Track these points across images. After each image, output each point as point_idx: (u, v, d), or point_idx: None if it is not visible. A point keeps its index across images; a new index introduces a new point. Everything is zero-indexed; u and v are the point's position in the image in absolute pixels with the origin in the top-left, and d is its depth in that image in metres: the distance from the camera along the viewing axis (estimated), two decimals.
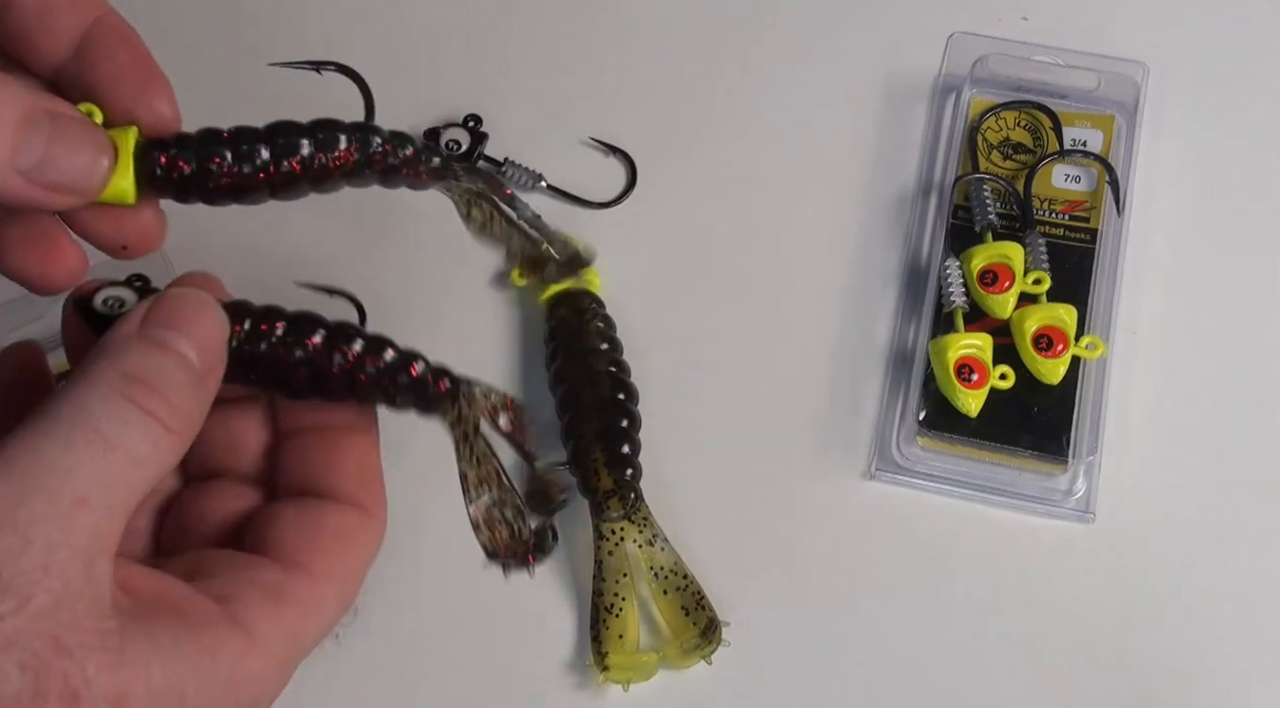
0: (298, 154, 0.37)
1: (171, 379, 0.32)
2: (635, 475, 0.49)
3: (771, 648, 0.49)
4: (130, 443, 0.31)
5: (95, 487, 0.30)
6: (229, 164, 0.36)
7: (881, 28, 0.60)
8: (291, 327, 0.36)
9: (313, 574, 0.34)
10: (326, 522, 0.36)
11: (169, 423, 0.32)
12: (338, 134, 0.37)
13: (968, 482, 0.50)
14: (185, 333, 0.33)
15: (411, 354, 0.38)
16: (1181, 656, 0.48)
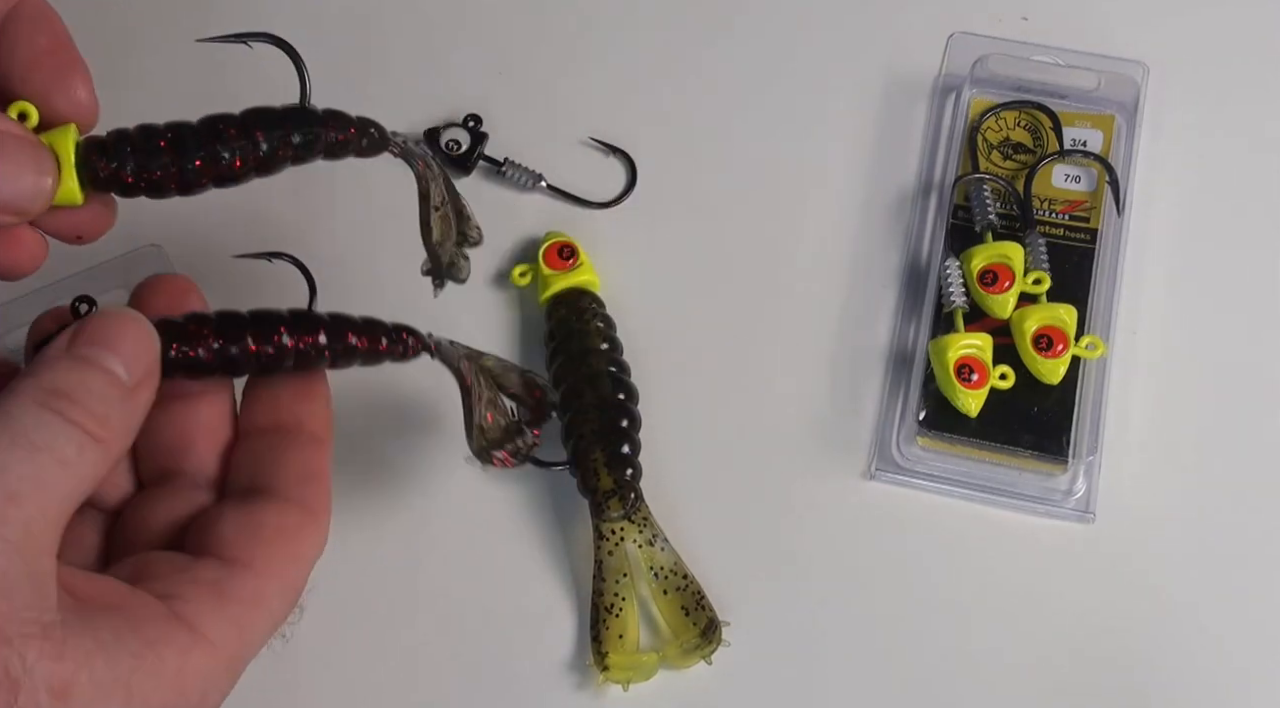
0: (236, 149, 0.37)
1: (94, 391, 0.33)
2: (635, 475, 0.49)
3: (771, 648, 0.49)
4: (56, 446, 0.31)
5: (25, 485, 0.30)
6: (168, 167, 0.36)
7: (881, 28, 0.60)
8: (250, 334, 0.37)
9: (255, 570, 0.35)
10: (267, 520, 0.36)
11: (93, 431, 0.32)
12: (274, 124, 0.37)
13: (968, 482, 0.50)
14: (112, 348, 0.34)
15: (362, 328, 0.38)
16: (1181, 655, 0.48)
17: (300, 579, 0.36)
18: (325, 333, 0.38)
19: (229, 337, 0.36)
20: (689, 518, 0.50)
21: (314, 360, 0.38)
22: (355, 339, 0.38)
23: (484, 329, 0.55)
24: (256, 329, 0.37)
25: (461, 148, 0.57)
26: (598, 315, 0.53)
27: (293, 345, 0.37)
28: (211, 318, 0.37)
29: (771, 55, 0.59)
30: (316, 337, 0.37)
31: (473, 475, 0.51)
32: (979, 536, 0.50)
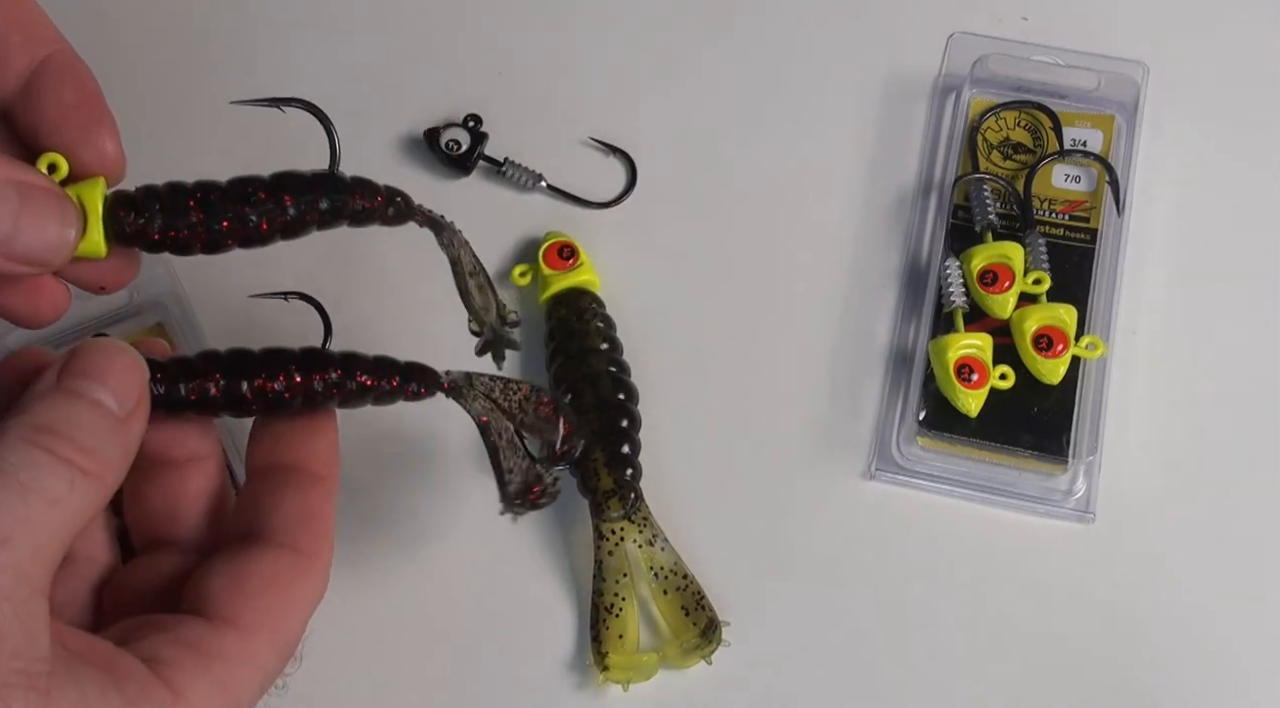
0: (264, 212, 0.37)
1: (83, 424, 0.33)
2: (635, 475, 0.49)
3: (771, 648, 0.49)
4: (45, 485, 0.31)
5: (16, 526, 0.30)
6: (195, 227, 0.37)
7: (881, 28, 0.60)
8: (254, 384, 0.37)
9: (241, 627, 0.34)
10: (253, 570, 0.35)
11: (84, 466, 0.32)
12: (302, 189, 0.37)
13: (968, 482, 0.50)
14: (99, 379, 0.34)
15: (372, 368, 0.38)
16: (1181, 655, 0.48)
17: (295, 629, 0.36)
18: (337, 371, 0.37)
19: (239, 374, 0.36)
20: (689, 518, 0.50)
21: (324, 400, 0.37)
22: (367, 378, 0.38)
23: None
24: (267, 367, 0.37)
25: (461, 148, 0.57)
26: (598, 315, 0.53)
27: (302, 383, 0.37)
28: (222, 356, 0.37)
29: (772, 55, 0.59)
30: (327, 375, 0.37)
31: (472, 476, 0.51)
32: (979, 535, 0.50)
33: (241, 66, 0.60)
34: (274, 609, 0.35)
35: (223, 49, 0.60)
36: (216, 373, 0.36)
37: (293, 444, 0.38)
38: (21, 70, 0.36)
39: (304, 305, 0.41)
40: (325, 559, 0.37)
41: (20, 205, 0.34)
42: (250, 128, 0.53)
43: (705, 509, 0.51)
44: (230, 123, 0.56)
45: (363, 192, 0.38)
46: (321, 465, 0.38)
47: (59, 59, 0.37)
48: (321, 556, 0.37)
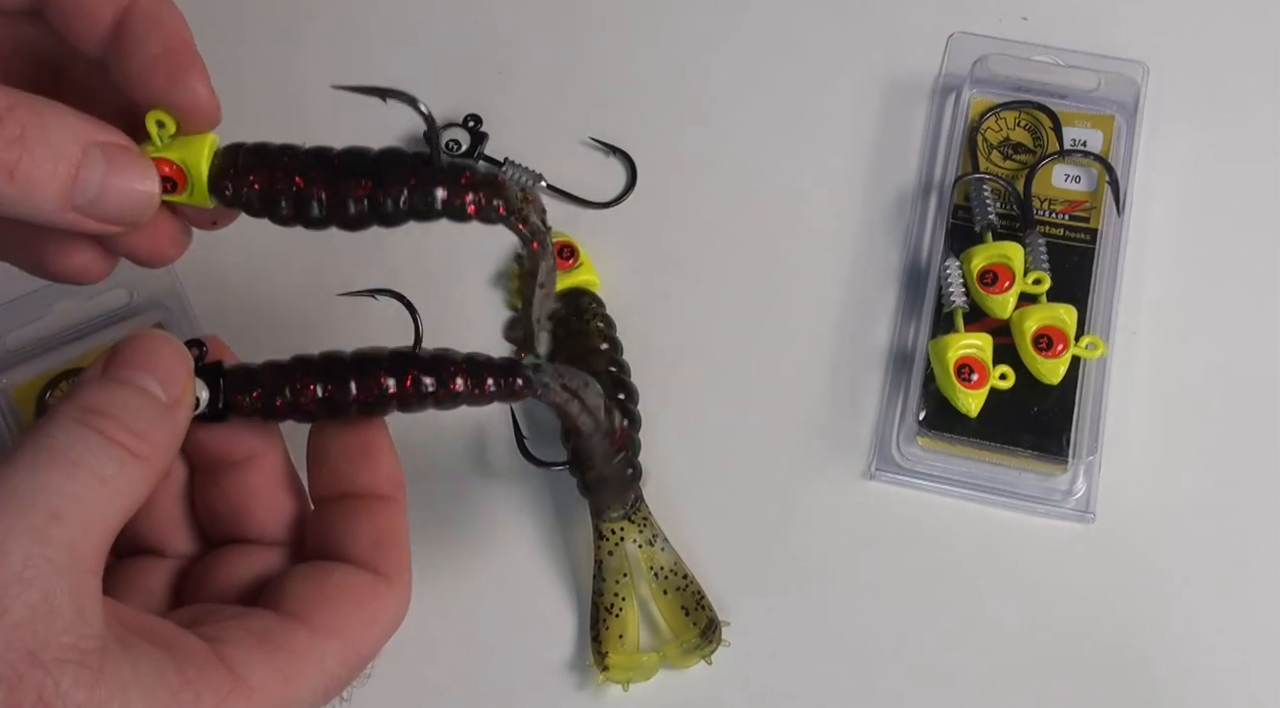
0: (362, 198, 0.36)
1: (131, 407, 0.33)
2: (635, 476, 0.49)
3: (771, 648, 0.49)
4: (94, 463, 0.31)
5: (66, 502, 0.30)
6: (288, 205, 0.36)
7: (881, 28, 0.60)
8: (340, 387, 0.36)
9: (312, 627, 0.34)
10: (332, 579, 0.35)
11: (133, 447, 0.32)
12: (403, 179, 0.36)
13: (968, 482, 0.50)
14: (145, 368, 0.34)
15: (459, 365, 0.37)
16: (1181, 655, 0.48)
17: (369, 645, 0.35)
18: (429, 375, 0.37)
19: (333, 382, 0.36)
20: (689, 518, 0.50)
21: (418, 404, 0.37)
22: (462, 382, 0.37)
23: (484, 329, 0.54)
24: (359, 373, 0.36)
25: (461, 148, 0.57)
26: (598, 315, 0.53)
27: (395, 391, 0.36)
28: (316, 362, 0.36)
29: (772, 55, 0.59)
30: (421, 380, 0.36)
31: (472, 476, 0.51)
32: (979, 536, 0.50)
33: (242, 65, 0.60)
34: (349, 618, 0.35)
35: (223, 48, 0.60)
36: (311, 382, 0.36)
37: (358, 471, 0.37)
38: (108, 20, 0.36)
39: (304, 303, 0.41)
40: (407, 580, 0.37)
41: (107, 166, 0.34)
42: None
43: (705, 509, 0.51)
44: None
45: (472, 188, 0.36)
46: (389, 487, 0.38)
47: (144, 5, 0.36)
48: (403, 576, 0.37)
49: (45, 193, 0.33)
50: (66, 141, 0.34)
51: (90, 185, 0.34)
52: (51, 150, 0.33)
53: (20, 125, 0.33)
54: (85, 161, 0.34)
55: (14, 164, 0.33)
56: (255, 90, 0.59)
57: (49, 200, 0.33)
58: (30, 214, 0.34)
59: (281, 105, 0.59)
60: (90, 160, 0.34)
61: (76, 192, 0.34)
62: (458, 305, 0.55)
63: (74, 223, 0.34)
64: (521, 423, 0.51)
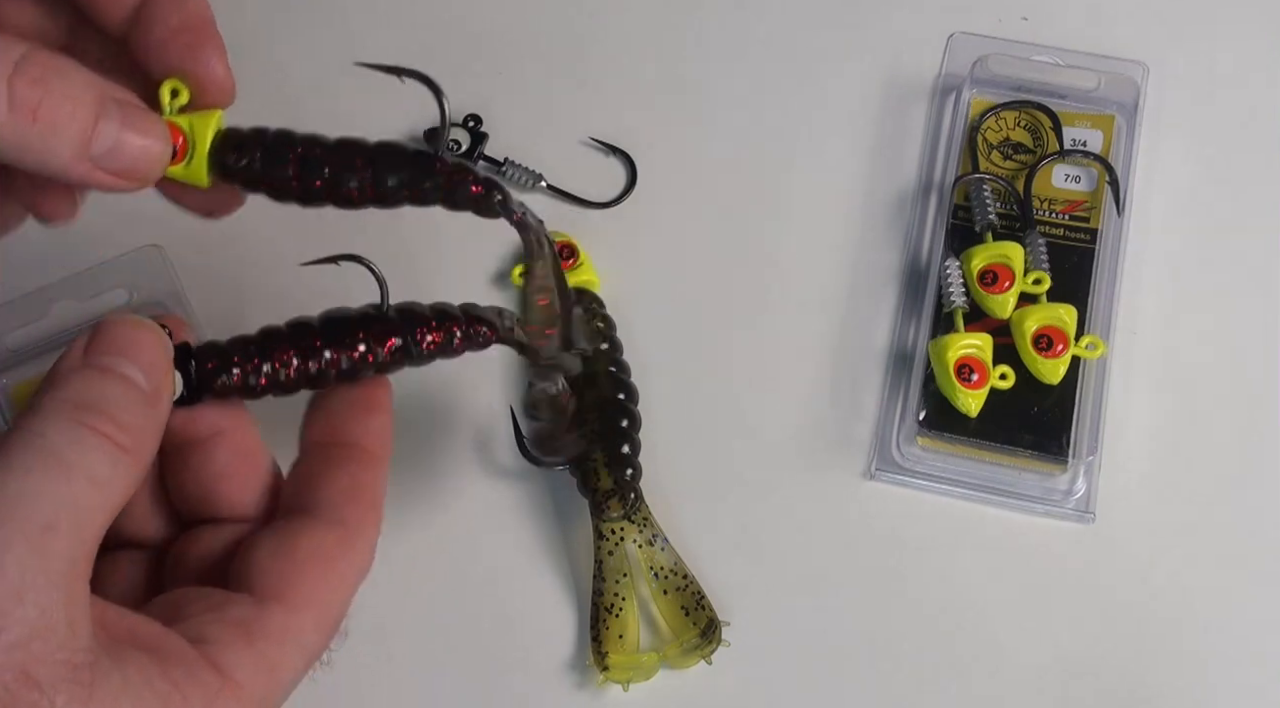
0: (361, 182, 0.37)
1: (119, 400, 0.33)
2: (635, 475, 0.49)
3: (771, 648, 0.49)
4: (88, 464, 0.31)
5: (62, 511, 0.30)
6: (289, 180, 0.37)
7: (881, 28, 0.60)
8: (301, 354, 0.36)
9: (286, 604, 0.34)
10: (299, 545, 0.35)
11: (124, 443, 0.32)
12: (400, 166, 0.37)
13: (968, 482, 0.50)
14: (129, 356, 0.34)
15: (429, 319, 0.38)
16: (1181, 655, 0.48)
17: (340, 606, 0.35)
18: (401, 335, 0.37)
19: (310, 353, 0.36)
20: (689, 518, 0.50)
21: (393, 365, 0.37)
22: (432, 336, 0.38)
23: None
24: (333, 341, 0.37)
25: (461, 148, 0.57)
26: (598, 315, 0.53)
27: (373, 357, 0.37)
28: (287, 334, 0.37)
29: (772, 55, 0.59)
30: (393, 341, 0.37)
31: (472, 475, 0.51)
32: (979, 535, 0.50)
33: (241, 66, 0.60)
34: (320, 586, 0.35)
35: None
36: (288, 350, 0.36)
37: (348, 421, 0.38)
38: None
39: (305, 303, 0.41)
40: (370, 534, 0.37)
41: (122, 120, 0.34)
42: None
43: (705, 510, 0.51)
44: None
45: (461, 178, 0.38)
46: (375, 442, 0.38)
47: None
48: (366, 531, 0.36)
49: (64, 138, 0.33)
50: (84, 90, 0.34)
51: (107, 136, 0.34)
52: (71, 96, 0.33)
53: (41, 68, 0.33)
54: (102, 112, 0.34)
55: (37, 103, 0.32)
56: (252, 88, 0.59)
57: (68, 146, 0.33)
58: (44, 161, 0.33)
59: (281, 105, 0.59)
60: (107, 111, 0.34)
61: (95, 140, 0.34)
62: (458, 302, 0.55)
63: (86, 175, 0.34)
64: (521, 423, 0.51)
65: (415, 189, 0.37)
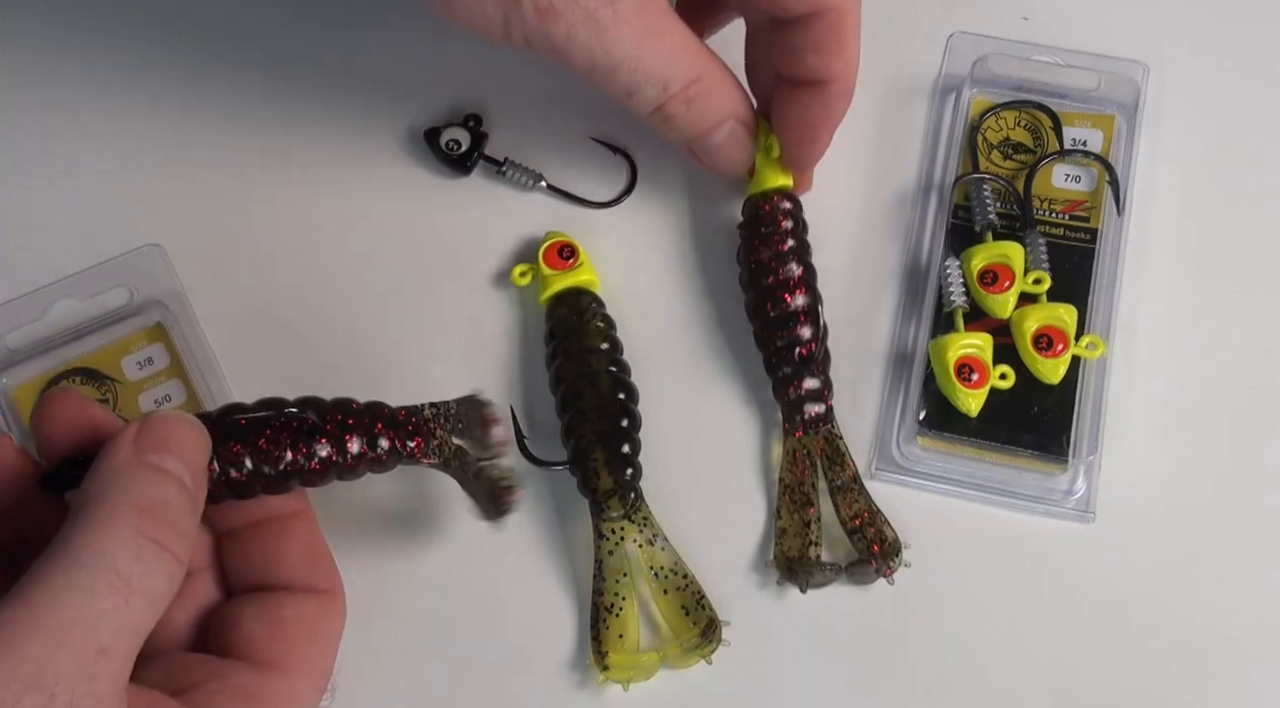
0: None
1: (175, 505, 0.33)
2: (635, 475, 0.49)
3: (771, 648, 0.49)
4: (150, 584, 0.32)
5: (118, 635, 0.31)
6: None
7: (881, 28, 0.59)
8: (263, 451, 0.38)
9: (285, 670, 0.36)
10: (286, 615, 0.37)
11: (179, 553, 0.33)
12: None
13: (968, 482, 0.50)
14: (177, 454, 0.34)
15: (372, 428, 0.41)
16: (1181, 656, 0.48)
17: (328, 663, 0.37)
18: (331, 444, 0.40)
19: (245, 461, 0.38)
20: (689, 518, 0.50)
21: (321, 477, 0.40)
22: (356, 446, 0.40)
23: (484, 329, 0.54)
24: (284, 438, 0.39)
25: (461, 148, 0.57)
26: (598, 315, 0.53)
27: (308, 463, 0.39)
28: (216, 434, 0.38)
29: None
30: (320, 450, 0.40)
31: None
32: (979, 535, 0.50)
33: (244, 66, 0.60)
34: (310, 651, 0.37)
35: (225, 42, 0.60)
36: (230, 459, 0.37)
37: (257, 500, 0.39)
38: None
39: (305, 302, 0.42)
40: (342, 594, 0.39)
41: (729, 138, 0.50)
42: None
43: (705, 510, 0.51)
44: None
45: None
46: (292, 504, 0.39)
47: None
48: (339, 591, 0.38)
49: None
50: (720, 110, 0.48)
51: (712, 143, 0.49)
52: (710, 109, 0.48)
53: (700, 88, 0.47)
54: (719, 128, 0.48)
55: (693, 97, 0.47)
56: (251, 86, 0.59)
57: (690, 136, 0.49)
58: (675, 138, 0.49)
59: (279, 102, 0.59)
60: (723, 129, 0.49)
61: (707, 138, 0.49)
62: (458, 305, 0.55)
63: (686, 147, 0.51)
64: (521, 423, 0.51)
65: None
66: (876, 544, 0.48)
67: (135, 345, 0.53)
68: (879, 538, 0.48)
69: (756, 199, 0.52)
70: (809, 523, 0.49)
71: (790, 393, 0.50)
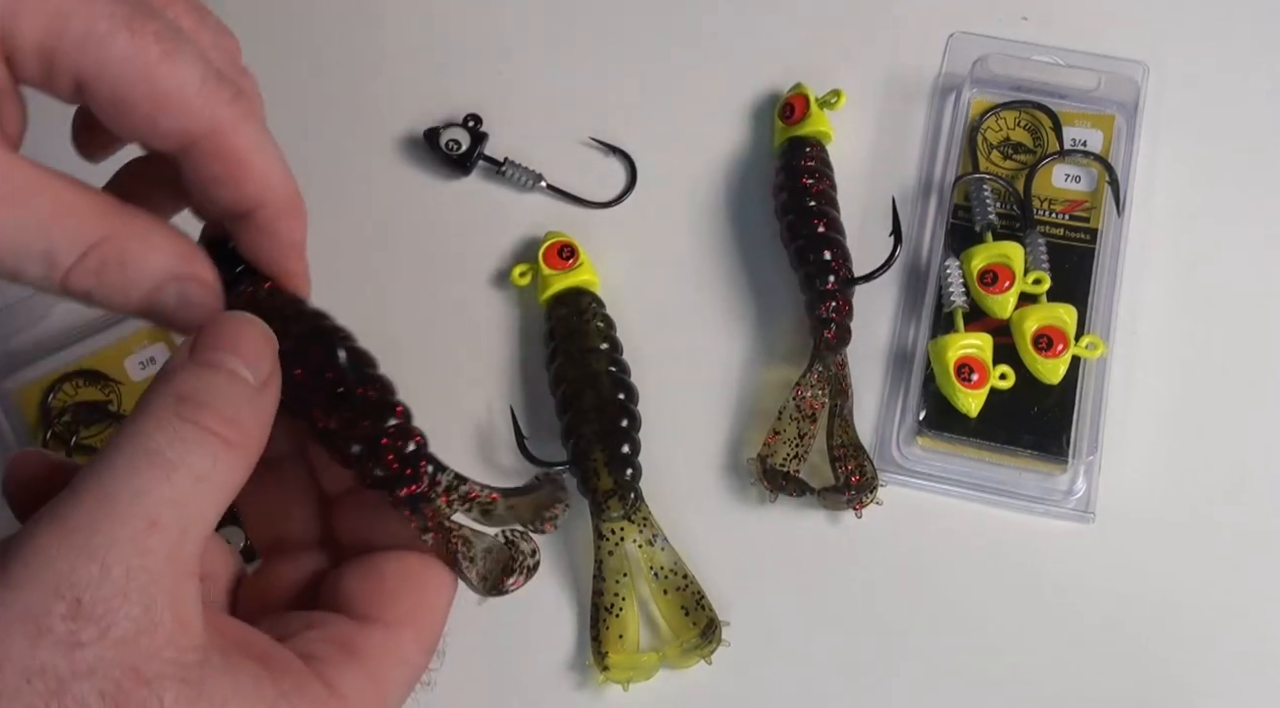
0: None
1: (223, 393, 0.33)
2: (635, 475, 0.49)
3: (771, 648, 0.49)
4: (191, 460, 0.31)
5: (164, 507, 0.30)
6: None
7: (881, 28, 0.60)
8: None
9: (385, 624, 0.35)
10: (387, 570, 0.36)
11: (227, 436, 0.32)
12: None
13: (968, 482, 0.50)
14: (233, 350, 0.34)
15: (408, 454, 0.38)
16: (1180, 655, 0.48)
17: (436, 626, 0.36)
18: None
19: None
20: (689, 518, 0.50)
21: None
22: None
23: (484, 329, 0.55)
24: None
25: (461, 148, 0.57)
26: (598, 315, 0.53)
27: None
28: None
29: (772, 55, 0.59)
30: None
31: (472, 475, 0.51)
32: (979, 535, 0.50)
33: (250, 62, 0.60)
34: (413, 604, 0.36)
35: None
36: None
37: None
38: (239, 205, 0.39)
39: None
40: None
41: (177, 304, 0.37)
42: None
43: (705, 510, 0.51)
44: None
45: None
46: None
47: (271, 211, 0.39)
48: None
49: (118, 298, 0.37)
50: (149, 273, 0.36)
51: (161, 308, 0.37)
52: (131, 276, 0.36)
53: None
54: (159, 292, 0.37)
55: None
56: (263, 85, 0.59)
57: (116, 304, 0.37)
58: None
59: (278, 102, 0.59)
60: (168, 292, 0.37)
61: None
62: (458, 305, 0.55)
63: None
64: (522, 423, 0.52)
65: None
66: (856, 476, 0.49)
67: (137, 346, 0.53)
68: (859, 471, 0.49)
69: (803, 138, 0.55)
70: (803, 436, 0.50)
71: (825, 309, 0.51)
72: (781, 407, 0.51)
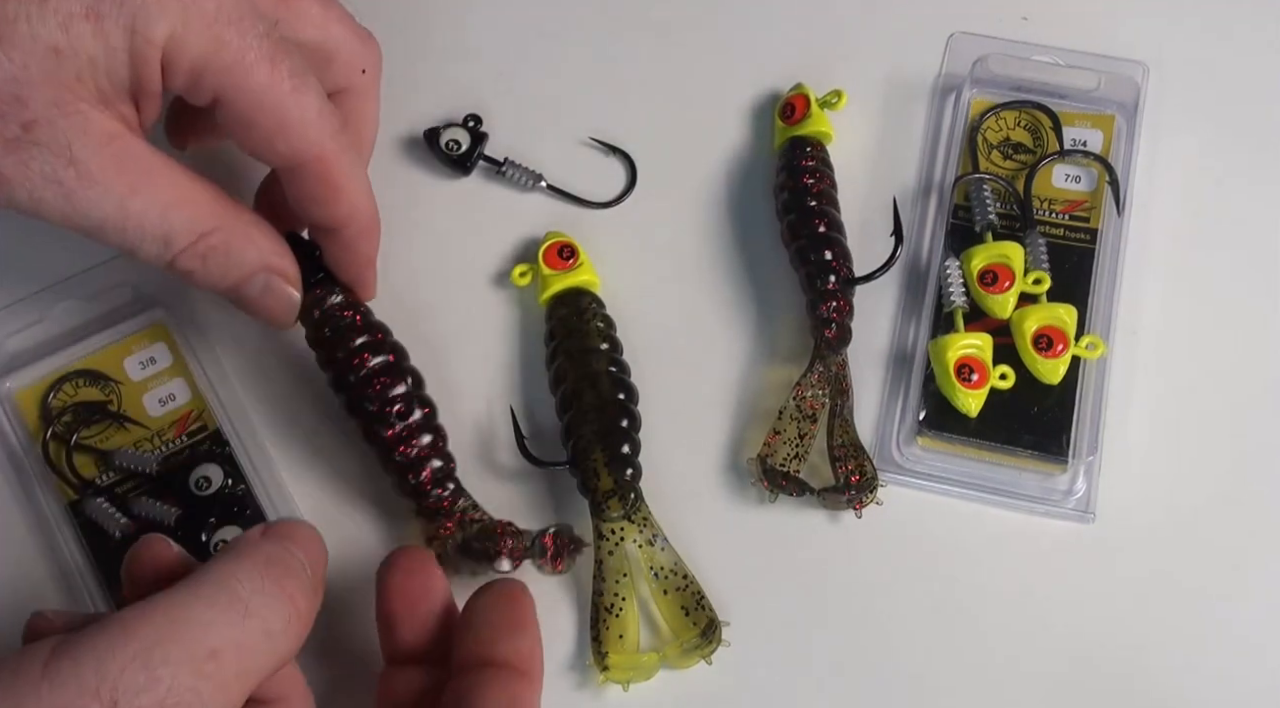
0: None
1: (298, 572, 0.36)
2: (635, 475, 0.49)
3: (771, 648, 0.49)
4: (267, 614, 0.34)
5: (229, 645, 0.32)
6: None
7: (881, 28, 0.60)
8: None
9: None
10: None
11: (300, 608, 0.35)
12: None
13: (968, 482, 0.50)
14: (300, 547, 0.37)
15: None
16: (1181, 655, 0.48)
17: None
18: None
19: None
20: (689, 518, 0.50)
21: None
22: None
23: (484, 329, 0.55)
24: None
25: (461, 148, 0.57)
26: (598, 315, 0.53)
27: None
28: None
29: (772, 55, 0.59)
30: None
31: (472, 475, 0.51)
32: (979, 535, 0.50)
33: None
34: None
35: None
36: None
37: (498, 640, 0.40)
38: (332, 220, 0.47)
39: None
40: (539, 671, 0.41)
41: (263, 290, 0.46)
42: None
43: (705, 510, 0.51)
44: None
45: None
46: (523, 660, 0.40)
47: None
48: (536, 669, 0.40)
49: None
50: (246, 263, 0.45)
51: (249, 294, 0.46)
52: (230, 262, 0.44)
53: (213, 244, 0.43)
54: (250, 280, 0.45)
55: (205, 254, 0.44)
56: None
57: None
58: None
59: None
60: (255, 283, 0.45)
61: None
62: (458, 305, 0.55)
63: None
64: (521, 423, 0.52)
65: None
66: (856, 476, 0.49)
67: (137, 345, 0.53)
68: (859, 470, 0.49)
69: (803, 138, 0.55)
70: (803, 436, 0.50)
71: (826, 309, 0.51)
72: (782, 407, 0.51)
